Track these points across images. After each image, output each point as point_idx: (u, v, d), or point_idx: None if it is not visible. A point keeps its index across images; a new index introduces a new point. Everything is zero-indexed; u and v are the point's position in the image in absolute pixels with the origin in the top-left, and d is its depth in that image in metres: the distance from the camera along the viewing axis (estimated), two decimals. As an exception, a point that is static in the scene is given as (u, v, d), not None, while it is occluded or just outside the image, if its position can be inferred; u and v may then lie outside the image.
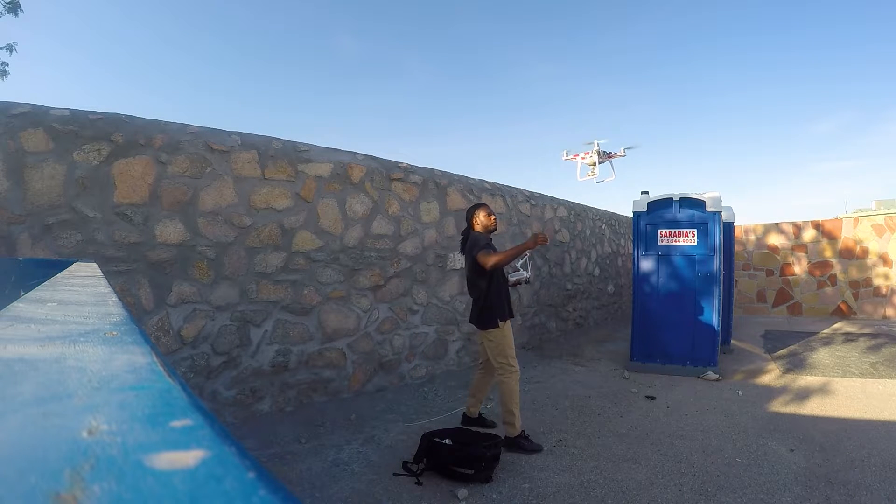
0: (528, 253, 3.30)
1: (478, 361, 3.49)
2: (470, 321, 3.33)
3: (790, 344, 6.29)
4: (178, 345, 3.20)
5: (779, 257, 9.44)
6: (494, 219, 3.31)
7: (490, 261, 3.05)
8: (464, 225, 3.49)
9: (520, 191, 6.22)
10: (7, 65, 7.60)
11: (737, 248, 8.89)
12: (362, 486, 2.56)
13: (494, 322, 3.11)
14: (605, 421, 3.56)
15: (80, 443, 0.21)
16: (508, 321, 3.17)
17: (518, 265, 3.47)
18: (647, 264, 5.12)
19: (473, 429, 3.19)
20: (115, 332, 0.45)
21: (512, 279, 3.37)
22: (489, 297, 3.13)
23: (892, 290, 8.46)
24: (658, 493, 2.48)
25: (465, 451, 2.64)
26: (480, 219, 3.26)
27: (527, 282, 3.49)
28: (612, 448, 3.06)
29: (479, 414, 3.48)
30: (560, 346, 6.33)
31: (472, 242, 3.19)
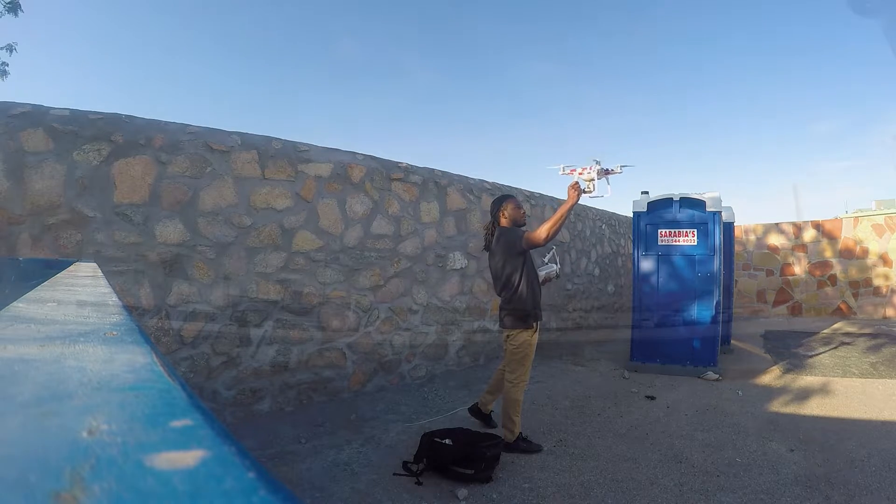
0: (554, 247, 3.18)
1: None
2: (500, 326, 3.12)
3: (790, 344, 6.29)
4: (178, 345, 3.19)
5: (779, 257, 9.44)
6: (524, 212, 3.15)
7: (542, 231, 2.79)
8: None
9: (520, 191, 6.22)
10: (7, 65, 7.60)
11: (737, 248, 8.89)
12: (362, 486, 2.56)
13: (528, 322, 2.96)
14: (605, 421, 3.56)
15: (80, 443, 0.21)
16: (537, 326, 3.01)
17: (546, 259, 3.30)
18: (647, 264, 5.12)
19: (475, 426, 3.18)
20: (115, 332, 0.45)
21: (542, 274, 3.21)
22: (522, 294, 2.94)
23: (892, 290, 8.46)
24: (658, 493, 2.48)
25: (465, 451, 2.64)
26: (509, 212, 3.07)
27: (556, 276, 3.29)
28: (612, 448, 3.05)
29: (490, 412, 3.42)
30: (560, 346, 6.33)
31: (507, 234, 2.99)
